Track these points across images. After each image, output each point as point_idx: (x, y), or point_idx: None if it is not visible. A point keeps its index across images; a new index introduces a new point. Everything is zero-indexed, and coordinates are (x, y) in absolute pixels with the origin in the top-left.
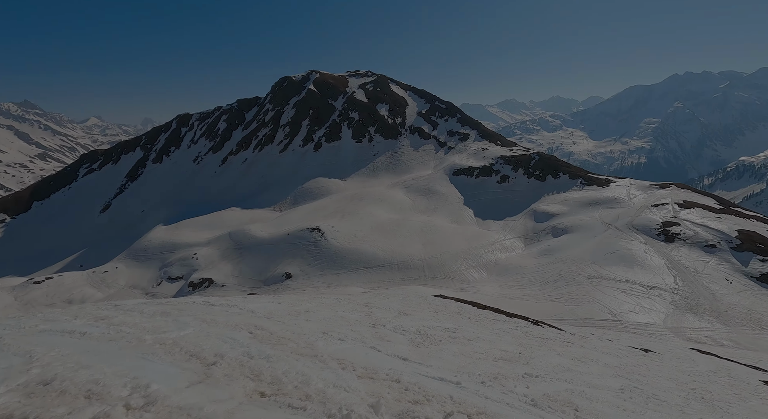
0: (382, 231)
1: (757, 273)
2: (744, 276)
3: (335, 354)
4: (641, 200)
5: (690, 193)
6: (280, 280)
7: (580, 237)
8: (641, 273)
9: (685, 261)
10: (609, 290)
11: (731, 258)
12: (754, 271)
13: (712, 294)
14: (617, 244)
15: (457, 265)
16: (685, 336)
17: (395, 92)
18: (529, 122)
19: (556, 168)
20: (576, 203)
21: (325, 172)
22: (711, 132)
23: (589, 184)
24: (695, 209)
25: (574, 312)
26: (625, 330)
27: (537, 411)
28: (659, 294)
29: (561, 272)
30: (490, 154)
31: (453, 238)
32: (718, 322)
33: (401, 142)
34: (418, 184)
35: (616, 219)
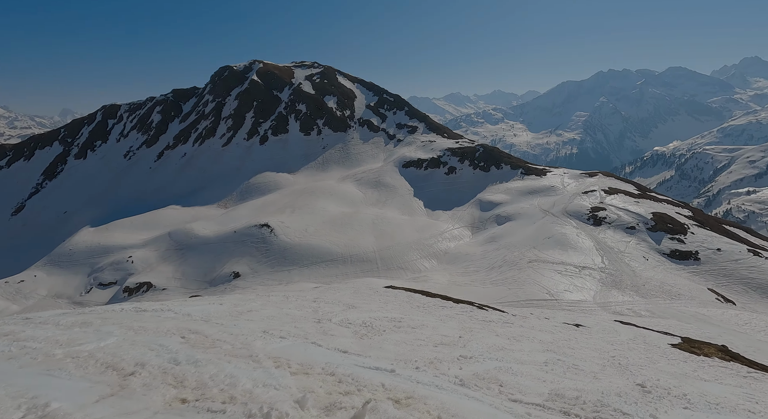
0: (334, 225)
1: (667, 250)
2: (657, 253)
3: (272, 353)
4: (573, 188)
5: (614, 180)
6: (228, 280)
7: (521, 224)
8: (574, 255)
9: (610, 242)
10: (547, 272)
11: (647, 237)
12: (665, 248)
13: (633, 271)
14: (553, 229)
15: (409, 256)
16: (611, 310)
17: (343, 84)
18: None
19: (498, 159)
20: (517, 192)
21: (273, 166)
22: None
23: (528, 174)
24: (618, 195)
25: (517, 295)
26: (561, 308)
27: (463, 390)
28: (589, 273)
29: (505, 258)
30: (438, 146)
31: (404, 230)
32: (637, 295)
33: (351, 134)
34: (368, 176)
35: (552, 206)
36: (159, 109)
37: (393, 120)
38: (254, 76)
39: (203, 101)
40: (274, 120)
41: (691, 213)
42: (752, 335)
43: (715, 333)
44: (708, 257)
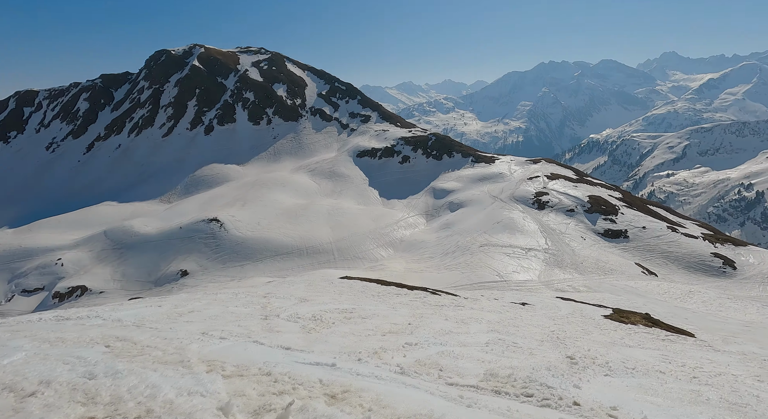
0: (289, 217)
1: (602, 229)
2: (593, 233)
3: (208, 356)
4: (519, 174)
5: (555, 166)
6: (175, 279)
7: (473, 210)
8: (521, 237)
9: (552, 224)
10: (497, 255)
11: (585, 219)
12: (599, 228)
13: (572, 250)
14: (502, 214)
15: (365, 245)
16: (554, 287)
17: (293, 72)
18: (425, 104)
19: (450, 147)
20: (468, 179)
21: (221, 158)
22: (570, 113)
23: (478, 162)
24: (559, 180)
25: (469, 278)
26: (510, 289)
27: (402, 378)
28: (535, 254)
29: (458, 243)
30: (391, 135)
31: (360, 219)
32: (576, 272)
33: (302, 124)
34: (322, 167)
35: (500, 192)
36: (86, 96)
37: (346, 109)
38: (195, 62)
39: (138, 88)
40: (219, 108)
41: (621, 196)
42: (671, 302)
43: (640, 303)
44: (635, 234)
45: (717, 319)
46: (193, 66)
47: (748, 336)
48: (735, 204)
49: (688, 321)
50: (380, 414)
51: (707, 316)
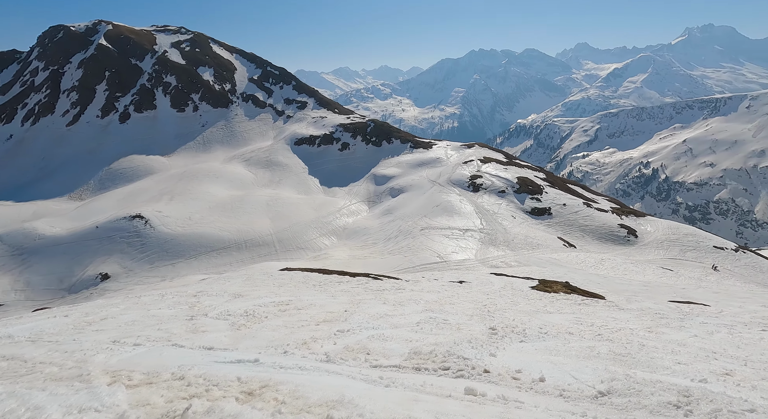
0: (224, 210)
1: (529, 208)
2: (522, 212)
3: (115, 366)
4: (455, 159)
5: (488, 150)
6: (94, 284)
7: (413, 195)
8: (459, 219)
9: (486, 205)
10: (437, 237)
11: (514, 199)
12: (527, 207)
13: (504, 229)
14: (441, 198)
15: (308, 235)
16: (489, 264)
17: (219, 54)
18: (363, 90)
19: (389, 134)
20: (408, 165)
21: (141, 148)
22: (499, 100)
23: (417, 148)
24: (491, 163)
25: (412, 261)
26: (450, 268)
27: (327, 366)
28: (471, 234)
29: (400, 228)
30: (330, 122)
31: (301, 209)
32: (508, 249)
33: (234, 111)
34: (258, 156)
35: (438, 176)
36: None
37: (280, 95)
38: (103, 41)
39: (31, 69)
40: (136, 94)
41: (545, 176)
42: (586, 270)
43: (562, 273)
44: (557, 211)
45: (623, 282)
46: (100, 45)
47: (646, 295)
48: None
49: (600, 285)
50: (292, 406)
51: (615, 280)
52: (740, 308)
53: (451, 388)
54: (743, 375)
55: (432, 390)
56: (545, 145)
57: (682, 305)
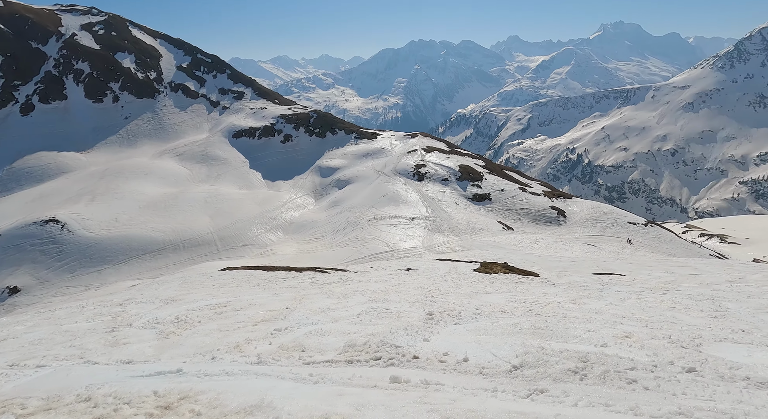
0: (157, 210)
1: (471, 195)
2: (465, 199)
3: (6, 395)
4: (400, 149)
5: (431, 140)
6: (1, 299)
7: (360, 186)
8: (405, 208)
9: (431, 194)
10: (385, 227)
11: (457, 186)
12: (469, 194)
13: (449, 216)
14: (387, 188)
15: (252, 232)
16: (435, 250)
17: (141, 39)
18: (304, 80)
19: (333, 124)
20: (353, 156)
21: (52, 144)
22: (440, 90)
23: (361, 138)
24: (434, 152)
25: (361, 252)
26: (398, 257)
27: (257, 368)
28: (418, 222)
29: (348, 219)
30: (270, 113)
31: (244, 205)
32: (453, 235)
33: (161, 101)
34: (193, 150)
35: (384, 166)
36: None
37: (214, 84)
38: None
39: None
40: (40, 82)
41: (484, 164)
42: (523, 250)
43: (501, 254)
44: (496, 196)
45: (554, 259)
46: None
47: (573, 269)
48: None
49: (535, 264)
50: (208, 416)
51: (548, 258)
52: (648, 275)
53: (379, 378)
54: (639, 336)
55: (359, 382)
56: (484, 133)
57: (603, 276)
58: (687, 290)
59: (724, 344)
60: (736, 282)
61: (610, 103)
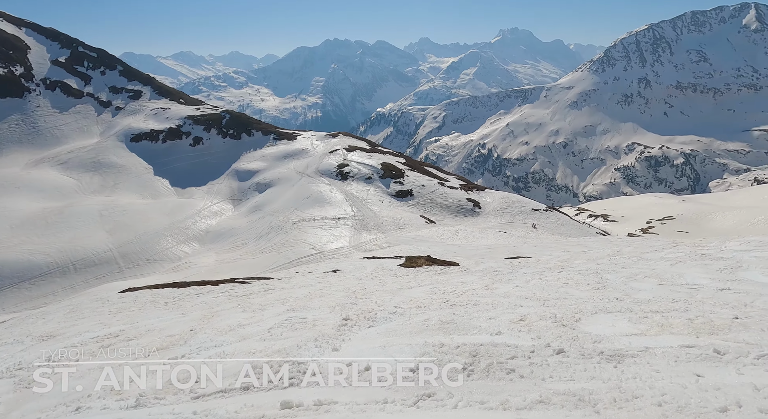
0: (36, 228)
1: (394, 191)
2: (388, 196)
3: None
4: (321, 149)
5: (352, 139)
6: None
7: (282, 188)
8: (330, 209)
9: (356, 192)
10: (311, 229)
11: (380, 184)
12: (392, 191)
13: (374, 213)
14: (311, 189)
15: (162, 245)
16: (362, 249)
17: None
18: (214, 78)
19: (248, 125)
20: (273, 158)
21: None
22: (359, 89)
23: (280, 139)
24: (356, 151)
25: (287, 257)
26: (326, 259)
27: (131, 413)
28: (344, 222)
29: (271, 224)
30: (175, 114)
31: (150, 216)
32: (379, 232)
33: (34, 101)
34: (81, 157)
35: (306, 167)
36: None
37: (103, 82)
38: None
39: None
40: None
41: (405, 161)
42: (445, 242)
43: (425, 247)
44: (418, 192)
45: (472, 248)
46: None
47: (489, 256)
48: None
49: (455, 254)
50: None
51: (467, 247)
52: (550, 255)
53: (270, 405)
54: (531, 318)
55: (247, 414)
56: (403, 131)
57: (513, 260)
58: (578, 266)
59: (598, 315)
60: (615, 255)
61: (511, 101)
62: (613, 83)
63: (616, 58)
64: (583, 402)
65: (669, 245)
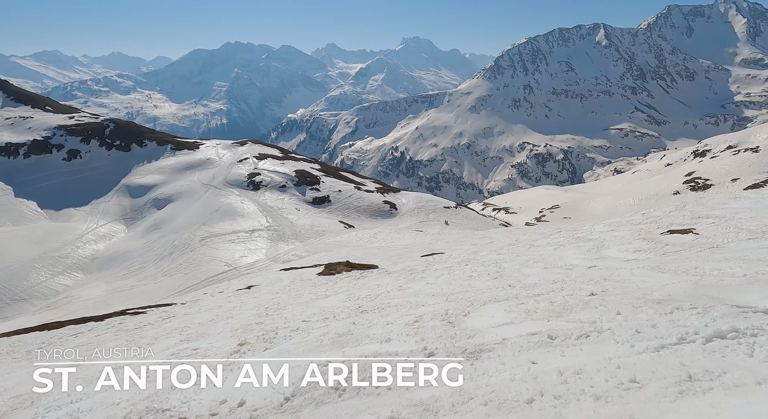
0: None
1: (310, 198)
2: (305, 203)
3: None
4: (229, 158)
5: (262, 146)
6: None
7: (185, 203)
8: (243, 221)
9: (269, 202)
10: (221, 244)
11: (296, 192)
12: (309, 198)
13: (291, 223)
14: (219, 202)
15: (31, 279)
16: (280, 260)
17: None
18: (92, 82)
19: (139, 135)
20: (172, 170)
21: None
22: (267, 95)
23: (180, 149)
24: (268, 159)
25: (196, 277)
26: (240, 274)
27: None
28: (259, 234)
29: (174, 243)
30: (40, 124)
31: (12, 245)
32: (297, 241)
33: None
34: None
35: (212, 178)
36: None
37: None
38: None
39: None
40: None
41: (320, 167)
42: (365, 245)
43: (345, 252)
44: (335, 197)
45: (391, 249)
46: None
47: (407, 256)
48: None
49: (375, 256)
50: None
51: (386, 249)
52: (461, 249)
53: None
54: (426, 318)
55: None
56: (317, 137)
57: (429, 257)
58: (482, 258)
59: (486, 307)
60: (513, 243)
61: (419, 106)
62: (504, 89)
63: (504, 67)
64: (428, 412)
65: (554, 231)
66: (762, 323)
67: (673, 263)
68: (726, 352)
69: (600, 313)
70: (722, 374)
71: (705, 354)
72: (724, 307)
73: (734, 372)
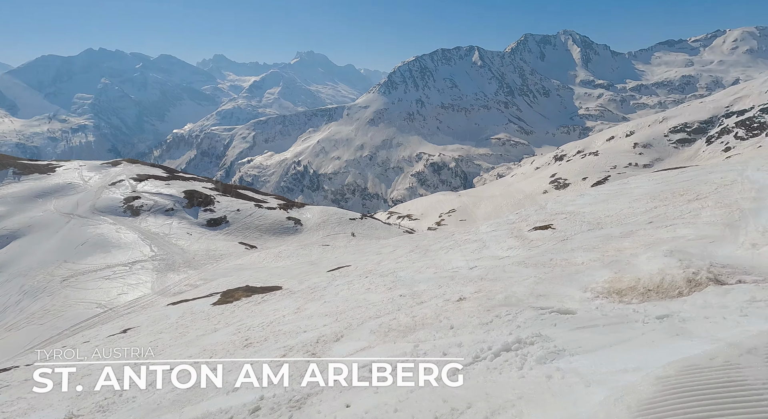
0: None
1: (204, 221)
2: (198, 226)
3: None
4: (97, 181)
5: (141, 166)
6: None
7: (38, 238)
8: (120, 253)
9: (154, 228)
10: (92, 283)
11: (186, 215)
12: (202, 220)
13: (181, 249)
14: (86, 233)
15: None
16: (170, 292)
17: None
18: None
19: None
20: (18, 199)
21: None
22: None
23: (28, 174)
24: (149, 180)
25: (56, 326)
26: (118, 316)
27: None
28: (142, 266)
29: (23, 288)
30: None
31: None
32: (190, 269)
33: None
34: None
35: (76, 206)
36: None
37: None
38: None
39: None
40: None
41: (214, 186)
42: (269, 265)
43: (247, 276)
44: (233, 218)
45: (297, 266)
46: None
47: (314, 272)
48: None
49: (280, 276)
50: None
51: (291, 267)
52: (366, 260)
53: None
54: (296, 349)
55: None
56: (210, 154)
57: (335, 271)
58: (383, 267)
59: (361, 327)
60: (413, 250)
61: (318, 119)
62: (398, 103)
63: (397, 83)
64: None
65: (448, 235)
66: (542, 327)
67: (536, 257)
68: (503, 369)
69: (435, 330)
70: (470, 407)
71: (486, 373)
72: (529, 311)
73: (494, 399)
